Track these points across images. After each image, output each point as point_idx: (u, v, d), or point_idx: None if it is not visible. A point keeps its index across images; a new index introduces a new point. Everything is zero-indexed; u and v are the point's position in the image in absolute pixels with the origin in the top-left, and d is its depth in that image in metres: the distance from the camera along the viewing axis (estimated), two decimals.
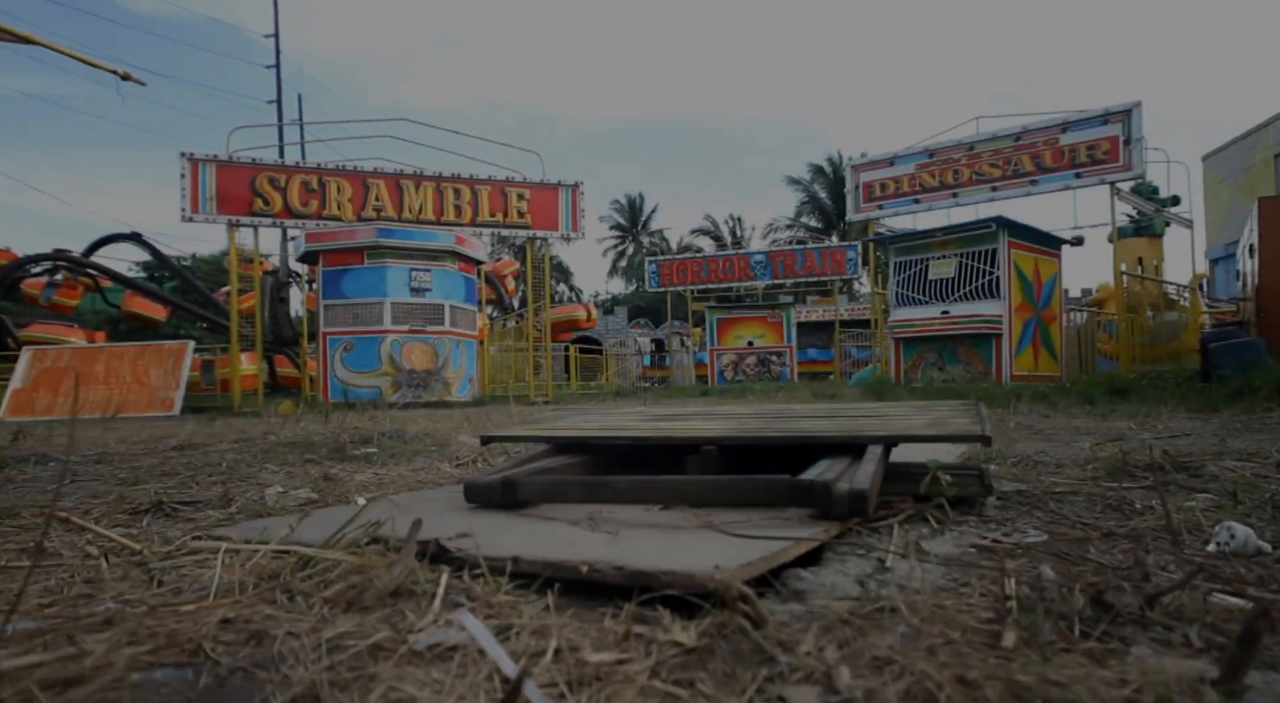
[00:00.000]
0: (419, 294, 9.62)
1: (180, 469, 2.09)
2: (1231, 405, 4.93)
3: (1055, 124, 8.65)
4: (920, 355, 8.96)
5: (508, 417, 6.50)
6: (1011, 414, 5.17)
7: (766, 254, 18.04)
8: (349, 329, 9.48)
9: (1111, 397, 6.00)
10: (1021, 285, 8.40)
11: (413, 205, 9.92)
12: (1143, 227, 13.05)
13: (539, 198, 10.62)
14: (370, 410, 8.32)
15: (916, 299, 8.92)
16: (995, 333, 8.19)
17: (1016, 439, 3.27)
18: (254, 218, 9.38)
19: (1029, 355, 8.49)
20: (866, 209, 10.14)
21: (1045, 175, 8.72)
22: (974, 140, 9.26)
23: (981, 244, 8.37)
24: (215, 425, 5.00)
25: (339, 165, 9.80)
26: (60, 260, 18.52)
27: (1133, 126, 8.11)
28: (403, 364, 9.48)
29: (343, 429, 2.86)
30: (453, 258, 9.98)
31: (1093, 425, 4.00)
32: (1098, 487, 1.71)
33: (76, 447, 3.44)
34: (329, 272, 9.62)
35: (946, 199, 9.54)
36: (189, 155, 9.12)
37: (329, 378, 9.47)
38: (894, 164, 9.92)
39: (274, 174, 9.41)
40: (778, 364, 17.75)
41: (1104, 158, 8.30)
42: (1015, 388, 7.96)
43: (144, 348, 13.04)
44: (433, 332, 9.69)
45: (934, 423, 1.47)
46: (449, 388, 9.80)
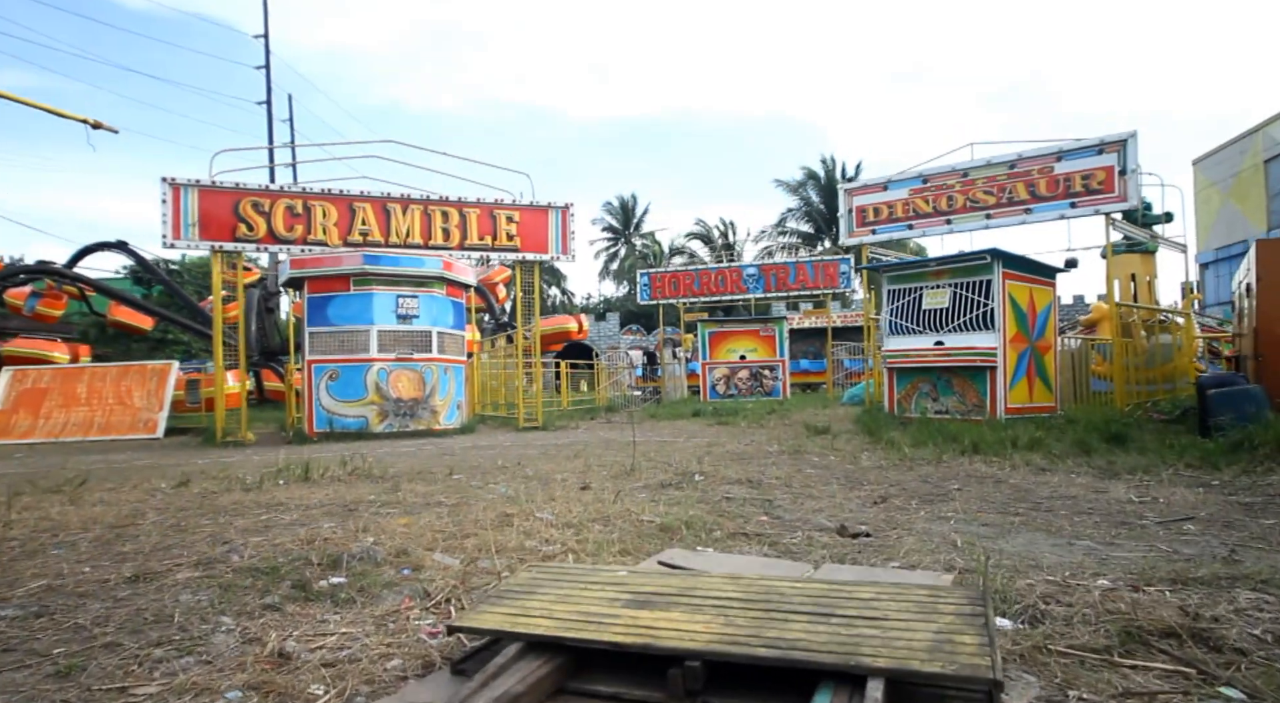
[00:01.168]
0: (406, 321, 9.47)
1: (124, 630, 1.94)
2: (1232, 462, 4.85)
3: (1050, 153, 8.56)
4: (914, 385, 8.86)
5: (493, 458, 6.36)
6: (1008, 470, 5.07)
7: (759, 267, 17.94)
8: (335, 357, 9.32)
9: (1109, 444, 5.91)
10: (1016, 316, 8.30)
11: (400, 229, 9.76)
12: (1135, 243, 13.00)
13: (528, 220, 10.47)
14: (355, 444, 8.14)
15: (910, 329, 8.82)
16: (990, 366, 8.09)
17: (1013, 533, 3.16)
18: (237, 243, 9.19)
19: (1024, 387, 8.40)
20: (860, 233, 10.04)
21: (1040, 204, 8.63)
22: (968, 166, 9.16)
23: (975, 275, 8.27)
24: (189, 487, 4.85)
25: (324, 189, 9.63)
26: (44, 272, 18.29)
27: (1128, 157, 8.02)
28: (389, 393, 9.33)
29: (311, 543, 2.71)
30: (440, 283, 9.84)
31: (1093, 500, 3.89)
32: (1117, 671, 1.60)
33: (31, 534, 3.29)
34: (314, 298, 9.46)
35: (940, 225, 9.44)
36: (170, 180, 8.93)
37: (314, 407, 9.31)
38: (887, 188, 9.82)
39: (258, 199, 9.23)
40: (770, 378, 17.65)
41: (1099, 188, 8.22)
42: (1010, 424, 7.88)
43: (127, 369, 12.85)
44: (420, 359, 9.54)
45: (939, 643, 1.34)
46: (436, 416, 9.66)
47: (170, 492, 4.56)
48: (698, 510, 3.51)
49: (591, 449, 6.99)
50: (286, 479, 5.05)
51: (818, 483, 4.58)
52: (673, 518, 3.25)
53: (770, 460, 5.80)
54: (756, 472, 5.12)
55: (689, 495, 4.01)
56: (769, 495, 4.12)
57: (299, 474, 5.15)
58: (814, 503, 3.86)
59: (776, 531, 3.24)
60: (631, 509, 3.47)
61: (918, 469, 5.26)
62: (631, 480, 4.70)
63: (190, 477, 5.64)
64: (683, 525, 3.16)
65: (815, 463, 5.65)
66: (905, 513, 3.65)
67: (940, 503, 3.92)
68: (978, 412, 8.28)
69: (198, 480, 5.41)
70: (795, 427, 9.63)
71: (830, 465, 5.50)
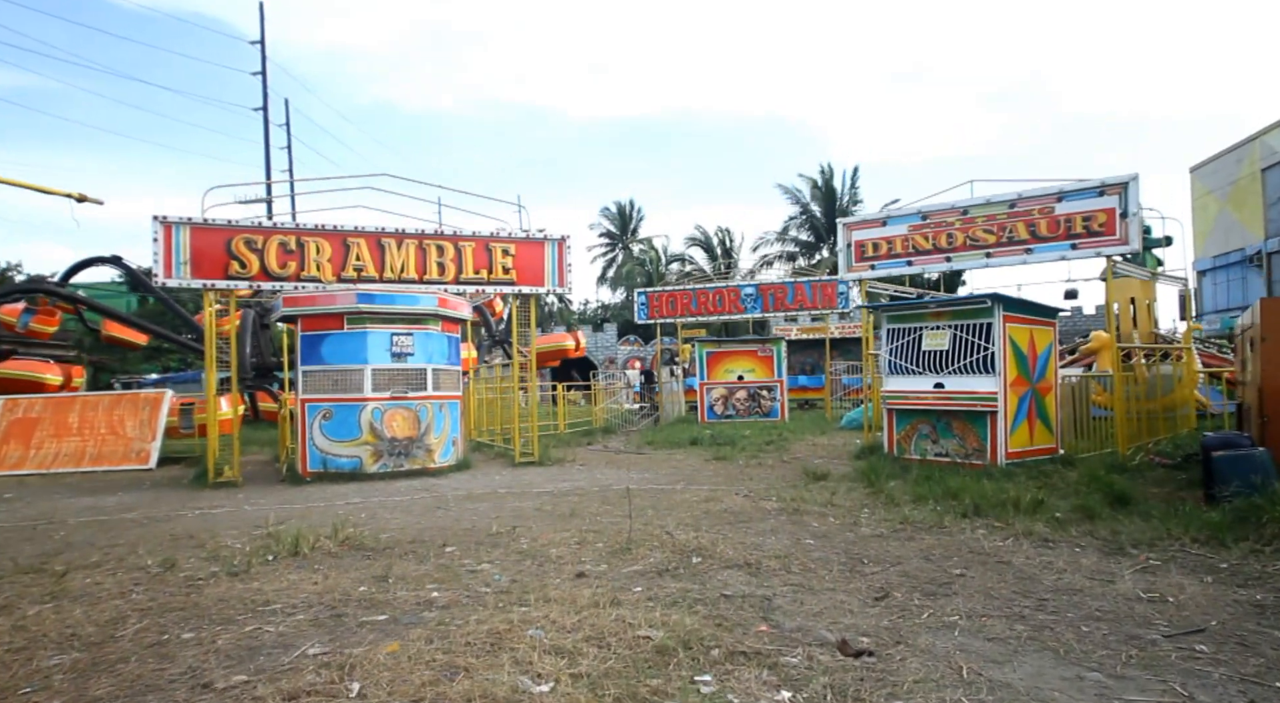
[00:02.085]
0: (400, 359, 9.38)
1: None
2: (1239, 537, 4.77)
3: (1051, 193, 8.48)
4: (914, 426, 8.78)
5: (487, 516, 6.25)
6: (1010, 544, 4.98)
7: (757, 287, 17.86)
8: (328, 396, 9.22)
9: (1113, 505, 5.81)
10: (1017, 359, 8.23)
11: (394, 264, 9.65)
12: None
13: (524, 253, 10.37)
14: (349, 486, 7.98)
15: (909, 369, 8.74)
16: (990, 411, 8.01)
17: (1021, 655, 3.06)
18: (230, 281, 9.07)
19: (1024, 431, 8.33)
20: (859, 268, 9.96)
21: (1041, 244, 8.56)
22: (968, 204, 9.09)
23: (976, 318, 8.20)
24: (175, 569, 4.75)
25: (318, 225, 9.52)
26: (38, 290, 18.16)
27: (1129, 200, 7.95)
28: (384, 433, 9.23)
29: (294, 700, 2.62)
30: (435, 320, 9.74)
31: (1099, 596, 3.80)
32: None
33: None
34: (308, 336, 9.35)
35: (940, 262, 9.36)
36: (161, 218, 8.82)
37: (308, 447, 9.21)
38: (886, 224, 9.73)
39: (251, 235, 9.12)
40: (768, 399, 17.58)
41: (1100, 230, 8.14)
42: (1011, 471, 7.80)
43: (119, 397, 12.75)
44: (415, 397, 9.45)
45: None
46: (431, 454, 9.56)
47: (156, 577, 4.45)
48: (694, 619, 3.41)
49: (588, 503, 6.89)
50: (275, 555, 4.94)
51: (818, 566, 4.48)
52: (670, 636, 3.16)
53: (769, 525, 5.71)
54: (755, 544, 5.03)
55: (687, 590, 3.92)
56: (768, 587, 4.02)
57: (289, 546, 5.04)
58: (814, 601, 3.77)
59: (776, 645, 3.15)
60: (628, 620, 3.38)
61: (919, 540, 5.17)
62: (628, 561, 4.61)
63: (179, 544, 5.54)
64: (680, 646, 3.07)
65: (814, 529, 5.56)
66: (908, 616, 3.56)
67: (944, 598, 3.83)
68: (978, 456, 8.21)
69: (185, 549, 5.32)
70: (793, 465, 9.54)
71: (830, 533, 5.41)
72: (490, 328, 20.04)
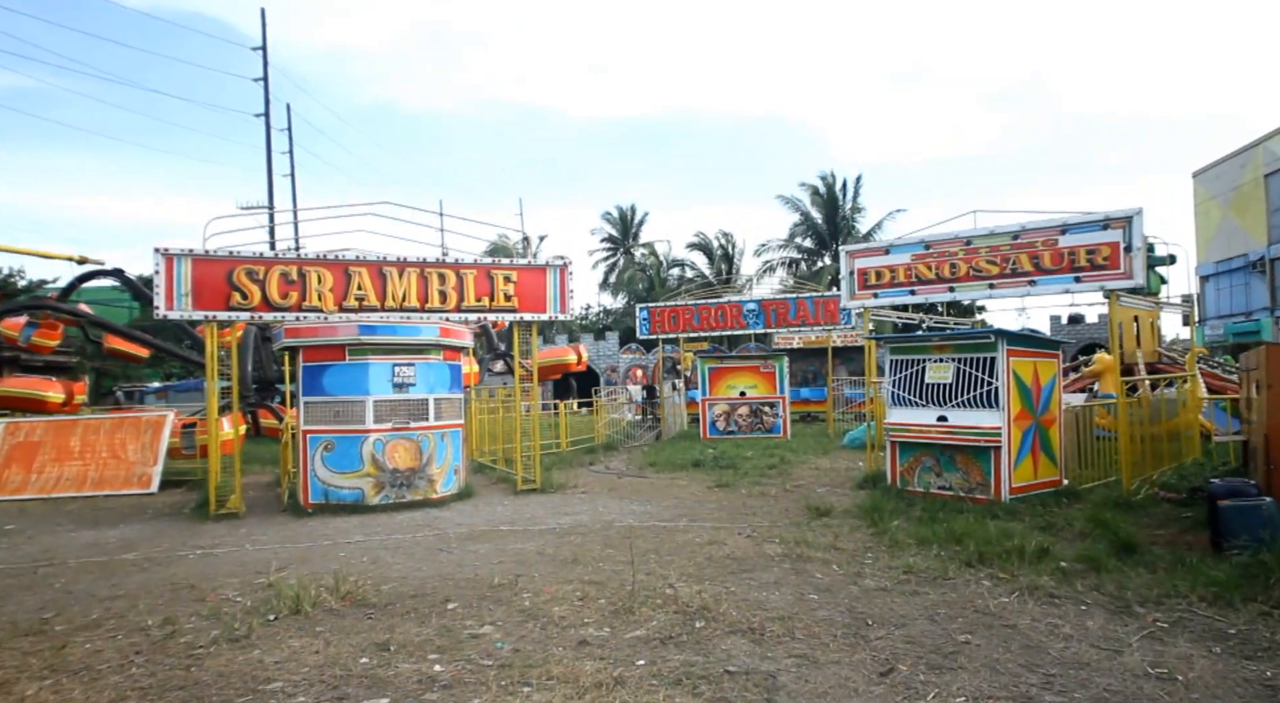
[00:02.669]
0: (402, 390, 9.36)
1: None
2: (1247, 596, 4.74)
3: (1054, 225, 8.45)
4: (917, 459, 8.75)
5: (489, 564, 6.23)
6: (1015, 601, 4.95)
7: (759, 302, 17.84)
8: (330, 428, 9.21)
9: (1119, 558, 5.77)
10: (1020, 393, 8.19)
11: (396, 293, 9.63)
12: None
13: (526, 280, 10.35)
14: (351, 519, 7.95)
15: (913, 401, 8.71)
16: (994, 446, 7.98)
17: None
18: (231, 312, 9.06)
19: (1028, 465, 8.29)
20: (862, 296, 9.94)
21: (1044, 277, 8.53)
22: (971, 235, 9.06)
23: (979, 352, 8.16)
24: (176, 635, 4.73)
25: (320, 254, 9.51)
26: (41, 307, 18.20)
27: (1133, 234, 7.92)
28: (385, 464, 9.21)
29: None
30: (437, 349, 9.73)
31: (1106, 672, 3.76)
32: None
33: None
34: (309, 367, 9.34)
35: (943, 292, 9.33)
36: (163, 250, 8.81)
37: (310, 478, 9.19)
38: (889, 253, 9.71)
39: (252, 266, 9.10)
40: (770, 415, 17.55)
41: (1104, 264, 8.11)
42: (1015, 507, 7.77)
43: (121, 421, 12.74)
44: (417, 428, 9.43)
45: None
46: (433, 485, 9.55)
47: (157, 644, 4.43)
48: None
49: (590, 545, 6.86)
50: (277, 613, 4.92)
51: (823, 629, 4.46)
52: None
53: (772, 575, 5.68)
54: (758, 601, 5.01)
55: (690, 665, 3.89)
56: (772, 659, 4.00)
57: (290, 603, 5.02)
58: (819, 678, 3.74)
59: None
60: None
61: (923, 595, 5.14)
62: (631, 624, 4.58)
63: (179, 596, 5.52)
64: None
65: (818, 581, 5.53)
66: (913, 697, 3.53)
67: (950, 672, 3.80)
68: (982, 490, 8.18)
69: (185, 603, 5.31)
70: (796, 495, 9.52)
71: (834, 586, 5.38)
72: (492, 341, 20.03)
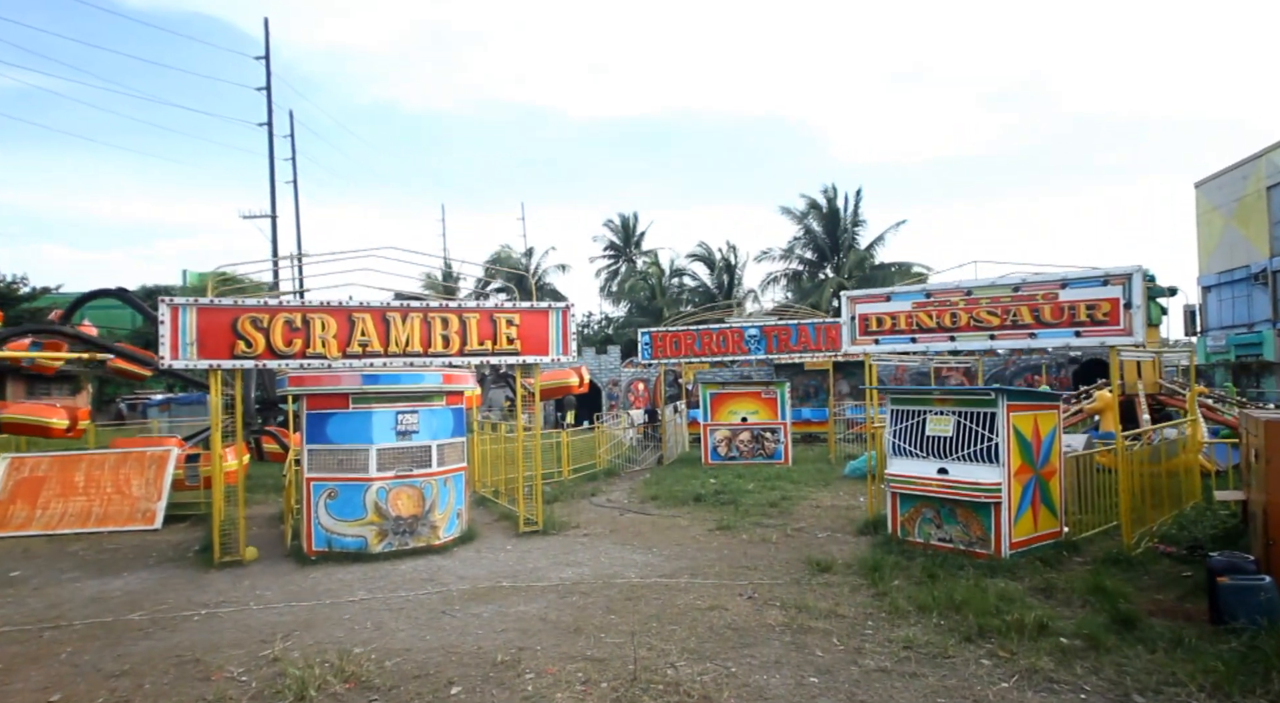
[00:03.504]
0: (405, 437, 9.41)
1: None
2: (1247, 690, 4.77)
3: (1054, 279, 8.50)
4: (918, 509, 8.79)
5: (491, 632, 6.27)
6: (1013, 686, 4.98)
7: (760, 328, 17.88)
8: (333, 476, 9.26)
9: (1118, 634, 5.80)
10: (1021, 448, 8.23)
11: (399, 338, 9.68)
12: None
13: (528, 322, 10.40)
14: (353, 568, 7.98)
15: (912, 452, 8.76)
16: (994, 502, 8.02)
17: None
18: (236, 360, 9.11)
19: (1028, 519, 8.33)
20: (863, 341, 9.97)
21: (1044, 330, 8.58)
22: (972, 285, 9.10)
23: (980, 406, 8.21)
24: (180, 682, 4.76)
25: (324, 302, 9.56)
26: (44, 331, 18.27)
27: (1133, 291, 7.96)
28: (389, 512, 9.26)
29: None
30: (440, 396, 9.77)
31: None
32: None
33: None
34: (313, 415, 9.39)
35: (944, 341, 9.37)
36: (169, 301, 8.87)
37: (313, 525, 9.25)
38: (891, 300, 9.75)
39: (256, 315, 9.16)
40: (772, 441, 17.60)
41: (1104, 319, 8.16)
42: (1015, 565, 7.81)
43: (125, 456, 12.80)
44: (420, 475, 9.48)
45: None
46: (436, 531, 9.60)
47: None
48: None
49: (593, 610, 6.88)
50: (283, 700, 4.97)
51: None
52: None
53: (772, 652, 5.71)
54: (758, 688, 5.05)
55: None
56: None
57: (295, 690, 5.06)
58: None
59: None
60: None
61: (923, 678, 5.18)
62: None
63: (185, 673, 5.56)
64: None
65: (818, 661, 5.56)
66: None
67: None
68: (982, 545, 8.22)
69: (189, 682, 5.35)
70: (797, 540, 9.55)
71: (833, 667, 5.41)
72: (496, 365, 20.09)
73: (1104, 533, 9.13)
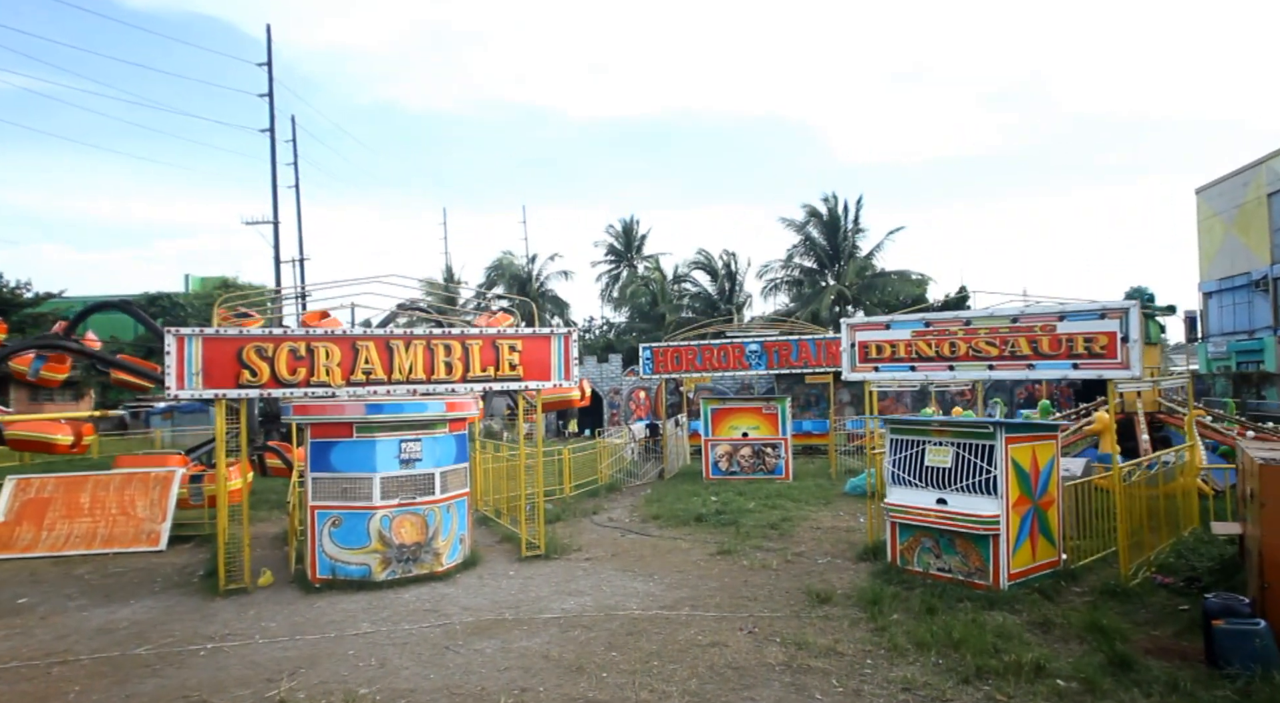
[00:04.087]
0: (409, 465, 9.50)
1: None
2: None
3: (1052, 312, 8.57)
4: (917, 538, 8.86)
5: (494, 670, 6.35)
6: None
7: (761, 344, 17.95)
8: (337, 504, 9.35)
9: (1114, 676, 5.87)
10: (1019, 479, 8.30)
11: (403, 366, 9.76)
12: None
13: (531, 348, 10.48)
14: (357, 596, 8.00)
15: (911, 482, 8.83)
16: (993, 534, 8.09)
17: None
18: (241, 389, 9.19)
19: (1026, 550, 8.40)
20: (862, 368, 10.05)
21: (1043, 361, 8.65)
22: (971, 316, 9.17)
23: (978, 439, 8.28)
24: None
25: (328, 331, 9.65)
26: (48, 346, 18.36)
27: (1130, 326, 8.02)
28: (392, 540, 9.35)
29: None
30: (443, 423, 9.86)
31: None
32: None
33: None
34: (317, 443, 9.48)
35: (943, 370, 9.45)
36: (174, 332, 8.96)
37: (318, 553, 9.34)
38: (890, 327, 9.82)
39: (261, 344, 9.24)
40: (773, 456, 17.67)
41: (1101, 352, 8.22)
42: (1014, 596, 7.88)
43: (130, 477, 12.89)
44: (423, 503, 9.56)
45: None
46: (439, 558, 9.68)
47: None
48: None
49: (594, 647, 6.95)
50: None
51: None
52: None
53: (773, 695, 5.79)
54: None
55: None
56: None
57: None
58: None
59: None
60: None
61: None
62: None
63: None
64: None
65: (818, 702, 5.64)
66: None
67: None
68: (980, 576, 8.29)
69: None
70: (797, 566, 9.61)
71: None
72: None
73: (1102, 560, 9.20)
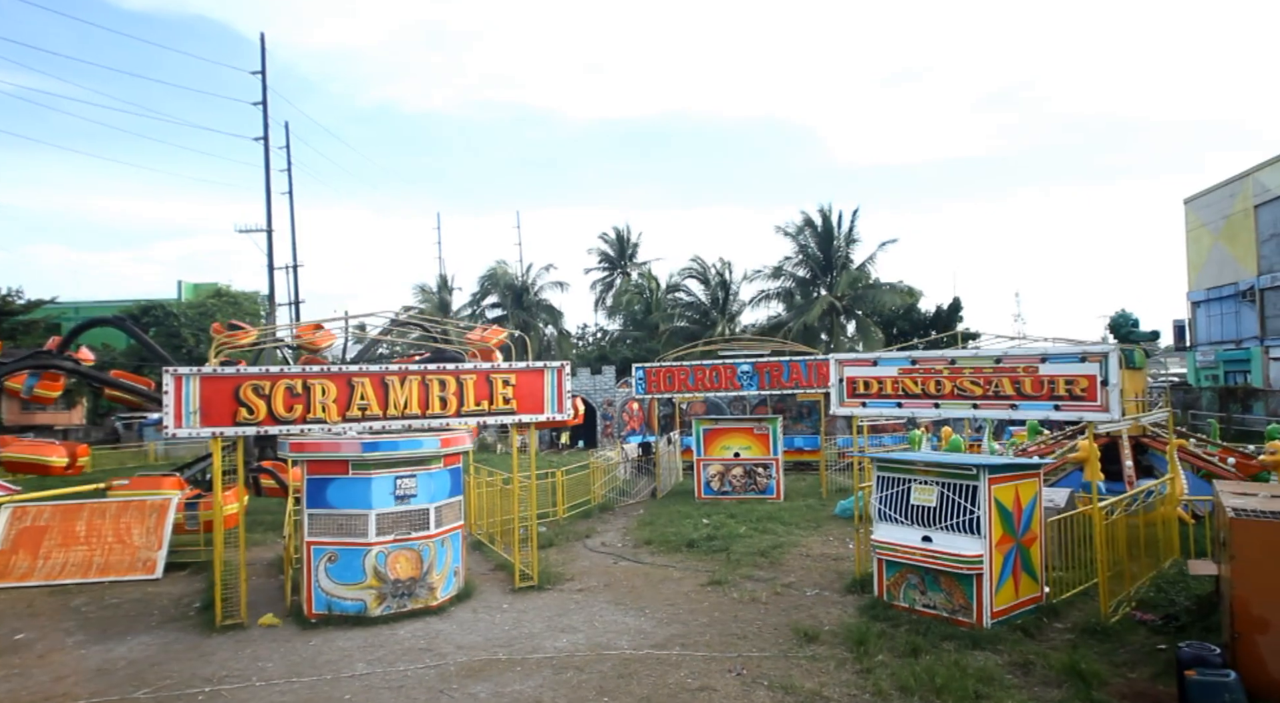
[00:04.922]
0: (404, 501, 9.63)
1: None
2: None
3: (1034, 354, 8.77)
4: (903, 575, 9.04)
5: None
6: None
7: (753, 365, 18.14)
8: (333, 540, 9.48)
9: None
10: (1002, 519, 8.50)
11: (398, 401, 9.89)
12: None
13: (524, 382, 10.63)
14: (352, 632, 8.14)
15: (897, 519, 9.01)
16: (976, 573, 8.27)
17: None
18: (238, 427, 9.32)
19: (1010, 587, 8.59)
20: (850, 404, 10.23)
21: (1025, 401, 8.84)
22: (956, 355, 9.36)
23: (963, 479, 8.47)
24: None
25: (324, 368, 9.78)
26: (41, 365, 18.40)
27: (1109, 370, 8.22)
28: (387, 575, 9.48)
29: None
30: (438, 459, 10.00)
31: None
32: None
33: None
34: (313, 480, 9.61)
35: (929, 408, 9.64)
36: (173, 371, 9.07)
37: (313, 588, 9.46)
38: (877, 364, 10.01)
39: (258, 382, 9.36)
40: (764, 476, 17.86)
41: (1082, 395, 8.42)
42: (997, 635, 8.06)
43: (126, 505, 12.99)
44: (418, 537, 9.70)
45: None
46: (434, 592, 9.82)
47: None
48: None
49: (586, 693, 7.11)
50: None
51: None
52: None
53: None
54: None
55: None
56: None
57: None
58: None
59: None
60: None
61: None
62: None
63: None
64: None
65: None
66: None
67: None
68: (964, 613, 8.47)
69: None
70: (787, 605, 9.76)
71: None
72: None
73: (1084, 594, 9.39)
